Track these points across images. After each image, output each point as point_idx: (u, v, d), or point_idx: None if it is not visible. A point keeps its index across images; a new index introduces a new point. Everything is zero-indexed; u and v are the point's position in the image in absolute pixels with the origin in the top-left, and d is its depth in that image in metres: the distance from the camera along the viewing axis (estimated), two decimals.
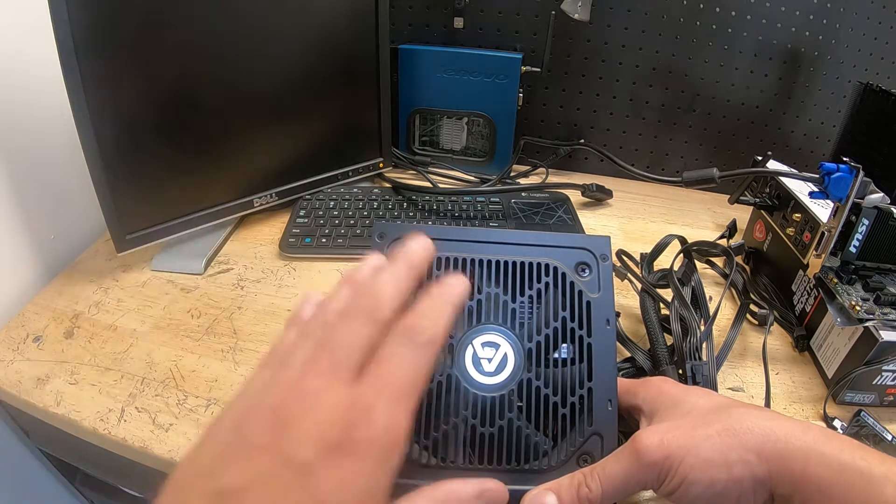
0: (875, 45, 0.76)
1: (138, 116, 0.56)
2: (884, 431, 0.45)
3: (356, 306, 0.28)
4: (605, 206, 0.83)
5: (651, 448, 0.30)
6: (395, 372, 0.26)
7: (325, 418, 0.24)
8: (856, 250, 0.51)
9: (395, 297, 0.29)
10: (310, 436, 0.24)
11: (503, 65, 0.79)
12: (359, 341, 0.27)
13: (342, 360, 0.26)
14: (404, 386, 0.26)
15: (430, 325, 0.28)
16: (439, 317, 0.28)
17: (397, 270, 0.30)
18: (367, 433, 0.24)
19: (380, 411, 0.25)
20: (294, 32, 0.65)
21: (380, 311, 0.28)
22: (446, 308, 0.29)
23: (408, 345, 0.27)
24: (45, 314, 0.56)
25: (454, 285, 0.30)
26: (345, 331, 0.27)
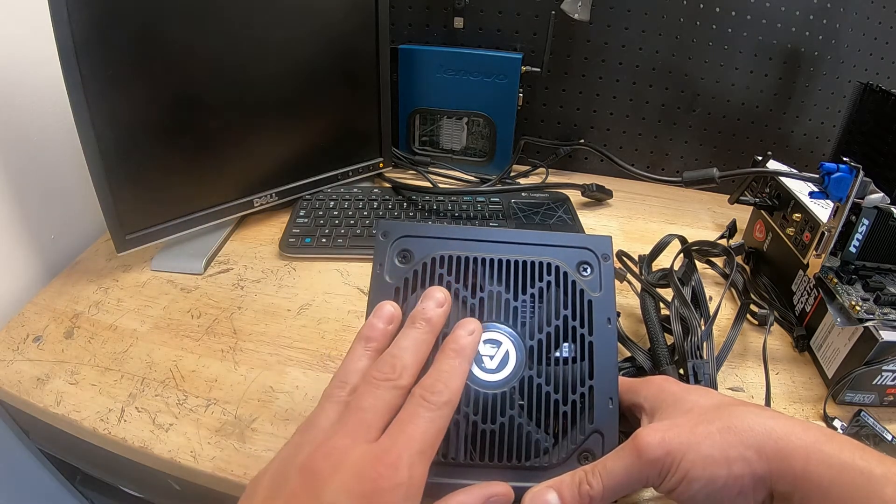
0: (875, 45, 0.76)
1: (138, 117, 0.56)
2: (884, 431, 0.45)
3: (380, 373, 0.31)
4: (605, 206, 0.83)
5: (652, 445, 0.30)
6: (415, 431, 0.29)
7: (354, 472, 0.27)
8: (856, 250, 0.51)
9: (416, 363, 0.32)
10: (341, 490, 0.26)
11: (503, 65, 0.79)
12: (382, 405, 0.30)
13: (367, 421, 0.29)
14: (425, 443, 0.28)
15: (444, 387, 0.30)
16: (454, 377, 0.31)
17: (417, 336, 0.33)
18: (392, 482, 0.27)
19: (404, 463, 0.27)
20: (294, 32, 0.65)
21: (401, 379, 0.31)
22: (462, 366, 0.32)
23: (426, 406, 0.30)
24: (45, 314, 0.56)
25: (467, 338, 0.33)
26: (369, 397, 0.30)
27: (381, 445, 0.28)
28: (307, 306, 0.58)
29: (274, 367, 0.50)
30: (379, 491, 0.26)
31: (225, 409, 0.46)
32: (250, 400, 0.47)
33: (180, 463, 0.42)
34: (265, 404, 0.47)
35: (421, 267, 0.37)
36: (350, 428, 0.29)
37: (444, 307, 0.35)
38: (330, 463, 0.27)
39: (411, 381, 0.31)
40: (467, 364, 0.32)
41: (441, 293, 0.35)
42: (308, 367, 0.50)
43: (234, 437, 0.44)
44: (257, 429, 0.44)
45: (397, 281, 0.37)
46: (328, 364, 0.51)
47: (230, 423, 0.45)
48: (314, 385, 0.48)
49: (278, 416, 0.46)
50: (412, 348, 0.32)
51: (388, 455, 0.27)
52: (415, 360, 0.32)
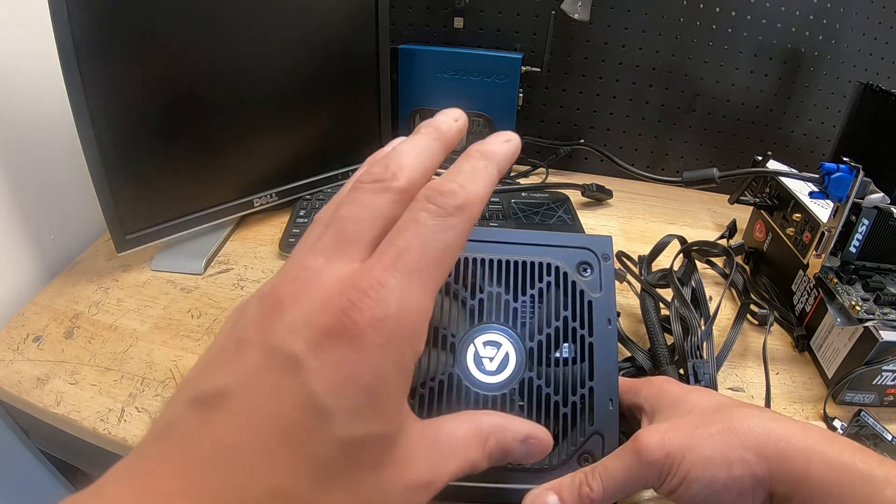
0: (875, 45, 0.76)
1: (138, 116, 0.56)
2: (884, 431, 0.45)
3: (367, 175, 0.24)
4: (605, 206, 0.83)
5: (652, 447, 0.30)
6: (411, 241, 0.21)
7: (319, 301, 0.20)
8: (856, 250, 0.51)
9: (415, 166, 0.24)
10: (299, 323, 0.20)
11: (503, 65, 0.79)
12: (368, 213, 0.22)
13: (347, 234, 0.22)
14: (424, 257, 0.21)
15: (459, 187, 0.22)
16: (475, 178, 0.23)
17: (421, 140, 0.25)
18: (370, 315, 0.19)
19: (389, 288, 0.20)
20: (294, 32, 0.65)
21: (395, 179, 0.23)
22: (489, 169, 0.24)
23: (430, 209, 0.22)
24: (45, 314, 0.56)
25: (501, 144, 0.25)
26: (350, 204, 0.23)
27: (362, 266, 0.21)
28: None
29: None
30: (350, 325, 0.19)
31: None
32: None
33: None
34: None
35: None
36: (325, 244, 0.22)
37: (459, 122, 0.27)
38: (294, 288, 0.21)
39: (408, 185, 0.23)
40: (496, 171, 0.24)
41: (457, 111, 0.28)
42: None
43: None
44: None
45: None
46: None
47: None
48: None
49: None
50: (412, 151, 0.24)
51: (369, 274, 0.20)
52: (415, 163, 0.24)
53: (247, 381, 0.19)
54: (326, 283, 0.21)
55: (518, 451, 0.27)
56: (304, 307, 0.20)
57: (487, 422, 0.26)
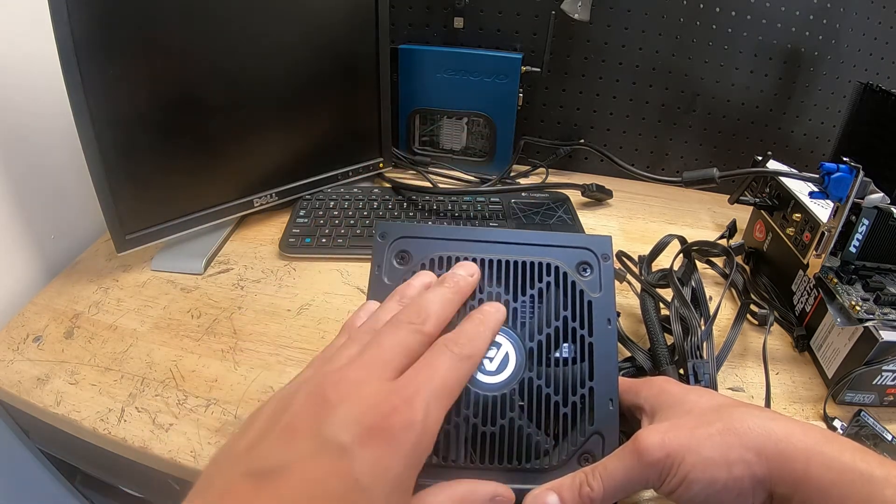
0: (875, 45, 0.76)
1: (138, 116, 0.56)
2: (884, 431, 0.45)
3: (404, 316, 0.30)
4: (605, 206, 0.83)
5: (652, 447, 0.30)
6: (435, 374, 0.28)
7: (365, 404, 0.25)
8: (856, 250, 0.51)
9: (440, 315, 0.31)
10: (348, 419, 0.25)
11: (503, 65, 0.79)
12: (402, 346, 0.29)
13: (385, 358, 0.28)
14: (443, 387, 0.27)
15: (468, 342, 0.30)
16: (479, 336, 0.31)
17: (444, 292, 0.33)
18: (406, 418, 0.25)
19: (420, 400, 0.26)
20: (294, 32, 0.65)
21: (425, 325, 0.30)
22: (486, 331, 0.32)
23: (448, 354, 0.29)
24: (45, 314, 0.56)
25: (493, 313, 0.33)
26: (390, 335, 0.29)
27: (398, 382, 0.27)
28: (307, 306, 0.58)
29: (274, 367, 0.50)
30: (389, 426, 0.25)
31: (225, 409, 0.46)
32: (250, 400, 0.47)
33: (180, 463, 0.42)
34: None
35: (419, 268, 0.37)
36: (366, 361, 0.28)
37: (473, 277, 0.35)
38: (340, 391, 0.26)
39: (434, 330, 0.30)
40: (490, 333, 0.32)
41: (473, 267, 0.35)
42: None
43: None
44: None
45: (396, 282, 0.37)
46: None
47: (230, 424, 0.45)
48: None
49: None
50: (439, 301, 0.32)
51: (405, 390, 0.26)
52: (440, 312, 0.31)
53: (301, 461, 0.24)
54: (370, 391, 0.26)
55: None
56: (352, 407, 0.25)
57: (460, 490, 0.30)
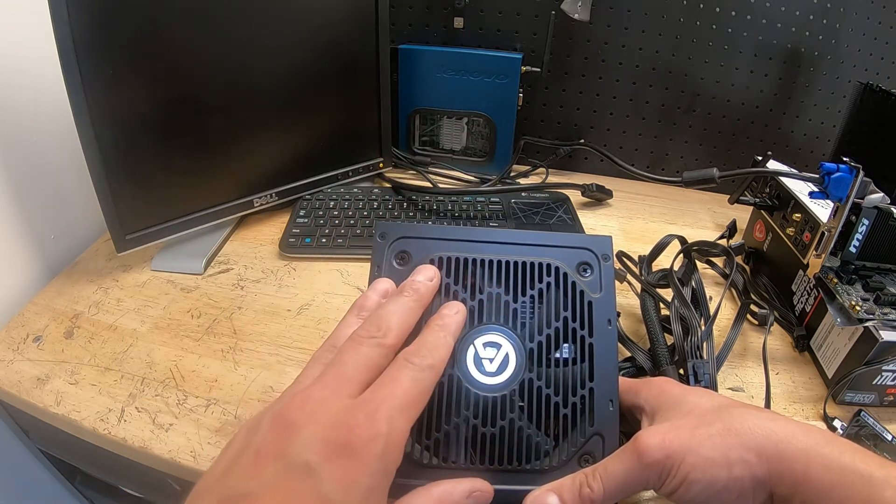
0: (875, 45, 0.76)
1: (138, 116, 0.56)
2: (884, 431, 0.45)
3: (364, 331, 0.31)
4: (605, 206, 0.83)
5: (652, 448, 0.30)
6: (397, 387, 0.28)
7: (329, 422, 0.26)
8: (856, 250, 0.51)
9: (401, 326, 0.31)
10: (313, 439, 0.25)
11: (503, 65, 0.79)
12: (364, 362, 0.29)
13: (347, 375, 0.28)
14: (407, 400, 0.28)
15: (429, 353, 0.30)
16: (440, 346, 0.31)
17: (405, 302, 0.33)
18: (369, 432, 0.25)
19: (382, 414, 0.26)
20: (294, 32, 0.65)
21: (385, 338, 0.30)
22: (447, 339, 0.32)
23: (410, 366, 0.29)
24: (45, 314, 0.56)
25: (453, 316, 0.33)
26: (352, 352, 0.29)
27: (360, 398, 0.27)
28: (307, 306, 0.58)
29: (274, 367, 0.50)
30: (354, 441, 0.25)
31: (225, 409, 0.46)
32: (250, 400, 0.47)
33: (180, 463, 0.42)
34: (265, 404, 0.46)
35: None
36: (328, 380, 0.28)
37: (433, 282, 0.35)
38: (304, 412, 0.26)
39: (396, 342, 0.31)
40: (451, 339, 0.32)
41: (432, 270, 0.35)
42: None
43: None
44: None
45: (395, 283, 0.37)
46: None
47: (230, 424, 0.45)
48: None
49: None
50: (399, 312, 0.32)
51: (368, 406, 0.26)
52: (401, 323, 0.31)
53: (271, 485, 0.24)
54: (333, 409, 0.26)
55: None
56: (316, 427, 0.26)
57: (437, 492, 0.30)
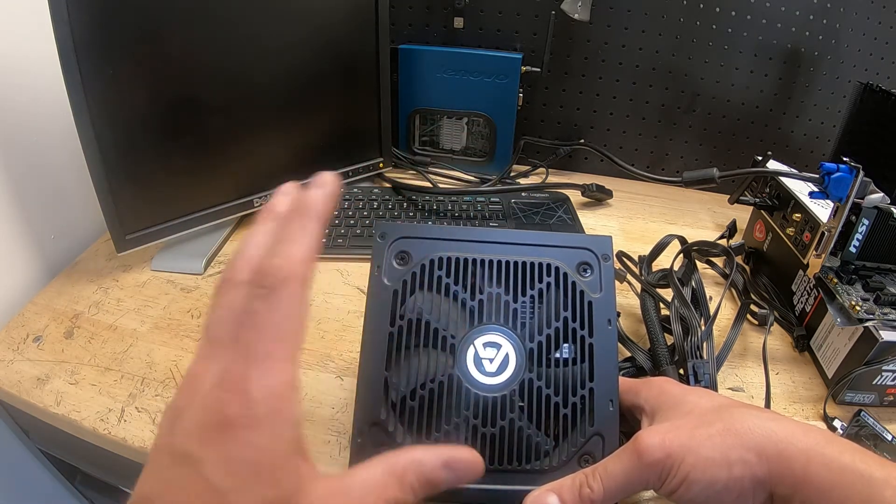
0: (875, 45, 0.76)
1: (138, 116, 0.56)
2: (884, 431, 0.45)
3: (220, 278, 0.27)
4: (605, 206, 0.83)
5: (652, 448, 0.30)
6: (251, 330, 0.24)
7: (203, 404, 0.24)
8: (856, 250, 0.51)
9: (253, 254, 0.27)
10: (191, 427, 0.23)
11: (503, 65, 0.79)
12: (226, 312, 0.26)
13: (214, 336, 0.25)
14: (267, 339, 0.24)
15: (279, 262, 0.26)
16: (292, 242, 0.26)
17: (254, 228, 0.29)
18: (239, 406, 0.23)
19: (251, 379, 0.23)
20: (294, 32, 0.64)
21: (240, 274, 0.26)
22: (298, 231, 0.27)
23: (261, 294, 0.25)
24: (45, 314, 0.56)
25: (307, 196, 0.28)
26: (213, 307, 0.26)
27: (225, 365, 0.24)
28: None
29: None
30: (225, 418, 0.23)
31: None
32: None
33: None
34: None
35: (419, 269, 0.37)
36: (202, 350, 0.26)
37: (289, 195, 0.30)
38: (184, 397, 0.24)
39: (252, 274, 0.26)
40: (313, 223, 0.27)
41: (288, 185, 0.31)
42: (308, 367, 0.50)
43: None
44: None
45: (395, 283, 0.37)
46: (328, 364, 0.51)
47: None
48: (314, 385, 0.48)
49: None
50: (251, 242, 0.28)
51: (232, 373, 0.24)
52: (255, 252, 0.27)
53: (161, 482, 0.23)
54: (206, 388, 0.24)
55: (445, 477, 0.28)
56: (192, 412, 0.24)
57: (403, 459, 0.27)
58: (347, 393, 0.47)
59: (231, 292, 0.26)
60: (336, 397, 0.47)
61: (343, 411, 0.46)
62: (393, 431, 0.33)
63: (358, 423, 0.34)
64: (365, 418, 0.34)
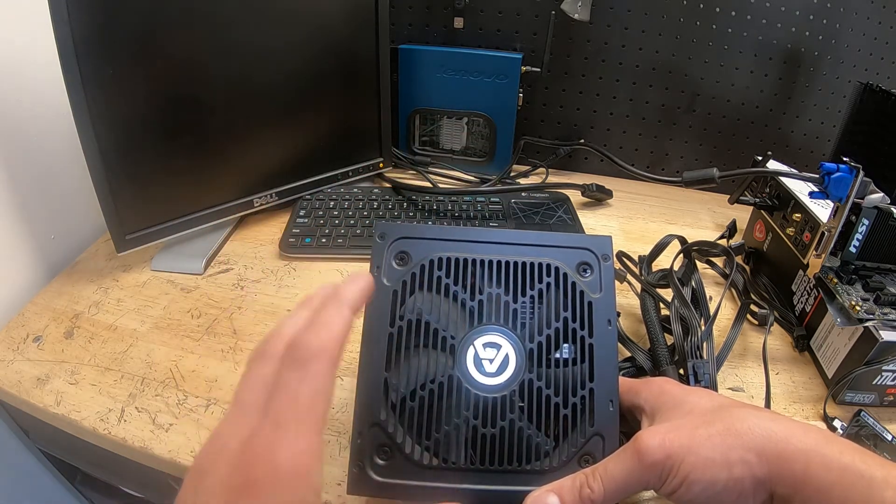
0: (875, 45, 0.76)
1: (138, 116, 0.56)
2: (884, 431, 0.45)
3: (255, 352, 0.30)
4: (605, 206, 0.83)
5: (652, 448, 0.30)
6: (287, 399, 0.26)
7: (229, 464, 0.25)
8: (856, 250, 0.51)
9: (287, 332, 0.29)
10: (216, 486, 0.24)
11: (503, 65, 0.79)
12: (258, 381, 0.28)
13: (243, 403, 0.27)
14: (297, 409, 0.26)
15: (313, 337, 0.28)
16: (324, 325, 0.29)
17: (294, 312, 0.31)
18: (265, 470, 0.24)
19: (279, 444, 0.25)
20: (294, 33, 0.64)
21: (272, 347, 0.29)
22: (338, 314, 0.29)
23: (294, 366, 0.27)
24: (45, 314, 0.56)
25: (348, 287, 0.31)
26: (244, 377, 0.29)
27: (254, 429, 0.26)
28: None
29: None
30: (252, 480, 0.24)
31: (225, 409, 0.46)
32: None
33: (180, 463, 0.42)
34: None
35: (419, 269, 0.37)
36: (230, 415, 0.27)
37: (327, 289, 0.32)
38: (210, 459, 0.26)
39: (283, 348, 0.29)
40: (347, 309, 0.30)
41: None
42: None
43: None
44: None
45: (395, 284, 0.37)
46: None
47: None
48: None
49: None
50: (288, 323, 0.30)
51: (261, 437, 0.25)
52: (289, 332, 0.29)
53: None
54: (232, 450, 0.25)
55: None
56: (217, 473, 0.25)
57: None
58: (347, 393, 0.47)
59: (265, 365, 0.28)
60: (336, 397, 0.47)
61: (343, 411, 0.46)
62: (393, 432, 0.33)
63: (358, 424, 0.34)
64: (365, 419, 0.34)
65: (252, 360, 0.29)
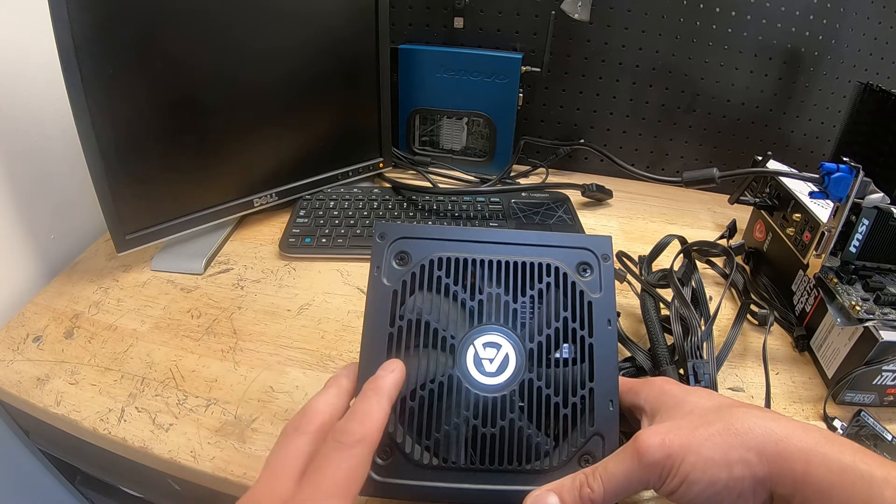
0: (875, 45, 0.76)
1: (138, 116, 0.56)
2: (884, 431, 0.45)
3: (290, 425, 0.32)
4: (605, 206, 0.83)
5: (652, 448, 0.30)
6: (327, 474, 0.29)
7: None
8: (856, 250, 0.51)
9: (323, 410, 0.33)
10: None
11: (503, 65, 0.79)
12: (293, 452, 0.30)
13: (278, 471, 0.30)
14: (336, 481, 0.28)
15: (357, 426, 0.30)
16: (368, 416, 0.31)
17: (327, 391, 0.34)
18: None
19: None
20: (294, 33, 0.64)
21: (309, 424, 0.32)
22: (378, 405, 0.32)
23: (336, 447, 0.30)
24: (45, 314, 0.56)
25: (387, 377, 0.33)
26: (280, 446, 0.31)
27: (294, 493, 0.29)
28: (307, 306, 0.58)
29: (274, 367, 0.50)
30: None
31: (225, 409, 0.46)
32: (250, 400, 0.47)
33: (180, 463, 0.42)
34: (265, 404, 0.47)
35: (419, 269, 0.37)
36: (262, 482, 0.30)
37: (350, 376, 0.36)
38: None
39: (321, 426, 0.32)
40: (386, 401, 0.32)
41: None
42: (308, 367, 0.50)
43: (234, 437, 0.44)
44: (257, 429, 0.44)
45: (395, 284, 0.37)
46: (328, 364, 0.51)
47: (230, 423, 0.45)
48: (314, 385, 0.48)
49: (278, 416, 0.46)
50: (322, 401, 0.33)
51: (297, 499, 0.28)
52: (324, 409, 0.33)
53: None
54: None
55: None
56: None
57: None
58: None
59: (299, 437, 0.31)
60: None
61: None
62: (393, 432, 0.33)
63: None
64: None
65: (287, 431, 0.32)
